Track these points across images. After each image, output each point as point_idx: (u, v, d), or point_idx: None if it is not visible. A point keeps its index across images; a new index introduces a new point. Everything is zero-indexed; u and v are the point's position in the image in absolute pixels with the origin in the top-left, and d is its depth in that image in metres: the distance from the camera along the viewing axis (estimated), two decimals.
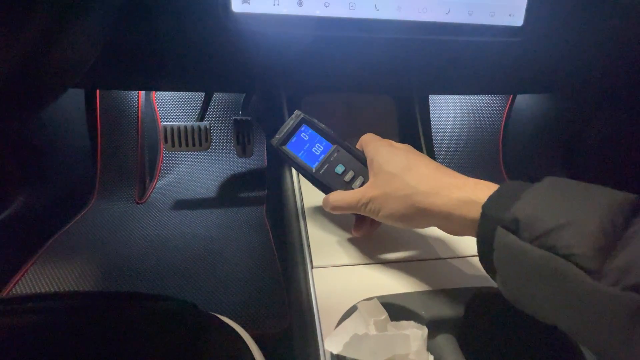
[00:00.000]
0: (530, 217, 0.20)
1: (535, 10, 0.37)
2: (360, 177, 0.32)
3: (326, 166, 0.33)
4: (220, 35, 0.41)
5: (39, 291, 0.57)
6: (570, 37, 0.49)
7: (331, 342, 0.23)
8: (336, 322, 0.26)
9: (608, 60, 0.57)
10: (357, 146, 0.34)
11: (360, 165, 0.33)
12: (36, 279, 0.59)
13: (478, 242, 0.23)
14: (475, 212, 0.23)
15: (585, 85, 0.68)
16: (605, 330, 0.17)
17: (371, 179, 0.30)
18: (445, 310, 0.26)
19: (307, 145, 0.34)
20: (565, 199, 0.20)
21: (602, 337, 0.18)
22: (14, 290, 0.57)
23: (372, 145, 0.31)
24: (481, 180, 0.25)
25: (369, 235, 0.33)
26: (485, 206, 0.22)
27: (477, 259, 0.32)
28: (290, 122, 0.34)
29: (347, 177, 0.32)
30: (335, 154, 0.33)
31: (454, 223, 0.25)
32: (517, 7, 0.37)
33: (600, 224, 0.18)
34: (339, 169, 0.33)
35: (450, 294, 0.28)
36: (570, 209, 0.19)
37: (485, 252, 0.23)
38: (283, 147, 0.34)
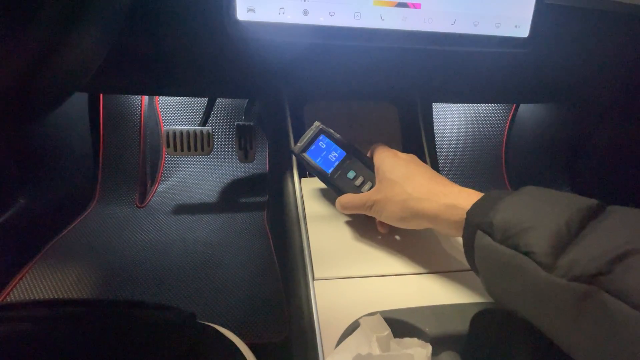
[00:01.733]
0: (503, 221, 0.23)
1: (541, 22, 0.37)
2: (369, 182, 0.36)
3: (339, 172, 0.37)
4: (225, 42, 0.41)
5: (36, 295, 0.57)
6: (575, 48, 0.49)
7: None
8: (337, 336, 0.26)
9: (613, 71, 0.56)
10: (368, 154, 0.38)
11: (369, 172, 0.37)
12: (34, 283, 0.59)
13: (464, 245, 0.27)
14: (457, 216, 0.27)
15: (590, 95, 0.68)
16: (555, 314, 0.21)
17: (377, 184, 0.34)
18: (449, 326, 0.26)
19: (324, 152, 0.38)
20: (534, 206, 0.24)
21: (552, 320, 0.21)
22: (11, 293, 0.57)
23: (379, 154, 0.35)
24: (465, 188, 0.29)
25: (389, 230, 0.36)
26: (468, 213, 0.26)
27: None
28: (310, 132, 0.38)
29: (357, 182, 0.36)
30: (348, 161, 0.37)
31: (441, 224, 0.29)
32: (523, 19, 0.37)
33: (557, 226, 0.21)
34: (351, 174, 0.37)
35: (455, 310, 0.27)
36: (536, 214, 0.23)
37: (469, 253, 0.26)
38: (303, 154, 0.38)
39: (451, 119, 0.97)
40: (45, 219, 0.68)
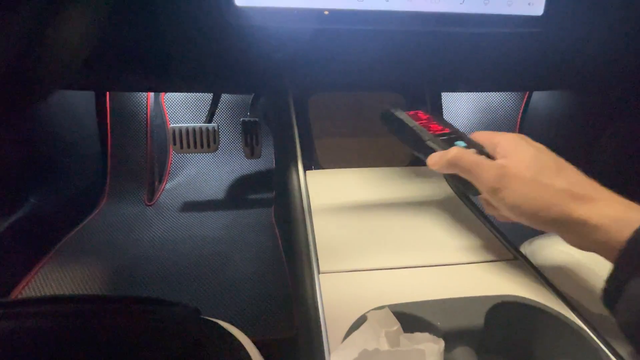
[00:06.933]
0: None
1: None
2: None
3: (443, 138, 0.31)
4: (225, 32, 0.40)
5: (48, 293, 0.57)
6: (593, 28, 0.46)
7: (338, 356, 0.22)
8: (344, 331, 0.24)
9: (634, 55, 0.53)
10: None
11: (481, 148, 0.30)
12: (45, 281, 0.60)
13: (608, 282, 0.21)
14: (625, 237, 0.21)
15: (609, 82, 0.65)
16: None
17: (512, 161, 0.26)
18: (463, 320, 0.24)
19: (423, 121, 0.33)
20: None
21: None
22: (23, 291, 0.58)
23: (501, 135, 0.29)
24: (617, 196, 0.23)
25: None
26: (631, 240, 0.20)
27: (497, 264, 0.30)
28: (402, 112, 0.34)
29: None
30: (453, 135, 0.31)
31: (595, 237, 0.22)
32: None
33: None
34: (460, 144, 0.30)
35: (469, 303, 0.26)
36: None
37: (612, 294, 0.21)
38: (400, 112, 0.33)
39: (462, 111, 0.95)
40: (55, 218, 0.69)
